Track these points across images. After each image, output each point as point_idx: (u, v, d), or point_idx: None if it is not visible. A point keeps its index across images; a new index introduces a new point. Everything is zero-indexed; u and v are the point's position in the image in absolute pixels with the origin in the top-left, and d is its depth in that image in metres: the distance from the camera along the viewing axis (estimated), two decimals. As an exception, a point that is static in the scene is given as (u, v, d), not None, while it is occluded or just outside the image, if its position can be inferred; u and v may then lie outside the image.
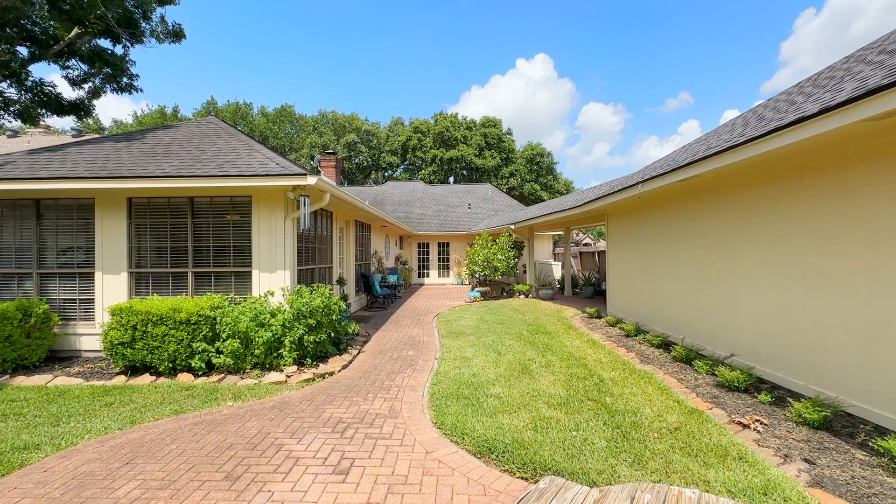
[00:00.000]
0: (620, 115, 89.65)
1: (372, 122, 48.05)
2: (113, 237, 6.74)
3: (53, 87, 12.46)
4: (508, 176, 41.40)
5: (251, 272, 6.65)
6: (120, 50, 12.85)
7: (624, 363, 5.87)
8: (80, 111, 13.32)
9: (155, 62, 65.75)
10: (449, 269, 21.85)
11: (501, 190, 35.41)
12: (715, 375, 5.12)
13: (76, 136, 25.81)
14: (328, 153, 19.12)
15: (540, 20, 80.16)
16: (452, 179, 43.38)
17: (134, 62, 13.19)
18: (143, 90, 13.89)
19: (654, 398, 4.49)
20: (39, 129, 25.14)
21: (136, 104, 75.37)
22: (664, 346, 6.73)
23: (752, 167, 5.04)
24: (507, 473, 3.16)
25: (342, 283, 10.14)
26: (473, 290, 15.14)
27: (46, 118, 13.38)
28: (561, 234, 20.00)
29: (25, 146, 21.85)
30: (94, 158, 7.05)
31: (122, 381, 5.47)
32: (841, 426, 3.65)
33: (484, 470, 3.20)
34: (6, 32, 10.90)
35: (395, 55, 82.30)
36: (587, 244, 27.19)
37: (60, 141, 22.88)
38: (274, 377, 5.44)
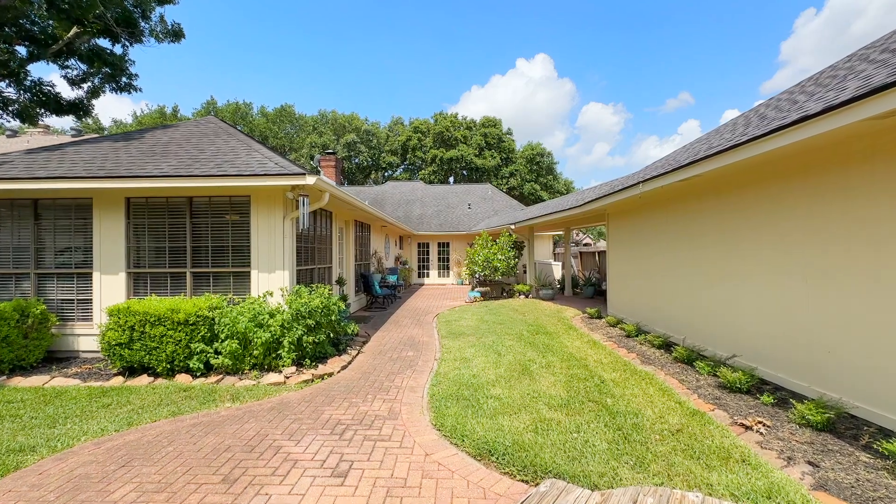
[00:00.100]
0: (620, 115, 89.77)
1: (372, 121, 48.06)
2: (111, 237, 6.70)
3: (52, 86, 12.44)
4: (508, 176, 41.36)
5: (250, 272, 6.62)
6: (119, 49, 12.82)
7: (625, 364, 5.83)
8: (79, 111, 13.29)
9: (154, 62, 65.78)
10: (449, 269, 21.81)
11: (501, 190, 35.38)
12: (716, 376, 5.09)
13: (75, 136, 25.78)
14: (328, 153, 19.09)
15: (540, 20, 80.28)
16: (452, 179, 43.35)
17: (133, 62, 13.17)
18: (142, 90, 13.89)
19: (655, 399, 4.46)
20: (39, 128, 25.12)
21: (135, 104, 75.49)
22: (665, 346, 6.70)
23: (754, 166, 5.00)
24: (507, 476, 3.13)
25: (341, 283, 10.10)
26: (473, 290, 15.10)
27: (45, 118, 13.34)
28: (561, 234, 19.97)
29: (25, 146, 21.82)
30: (92, 158, 7.02)
31: (119, 382, 5.44)
32: (844, 428, 3.62)
33: (484, 472, 3.17)
34: (5, 32, 10.86)
35: (394, 55, 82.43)
36: (587, 244, 27.15)
37: (60, 141, 22.84)
38: (272, 378, 5.41)
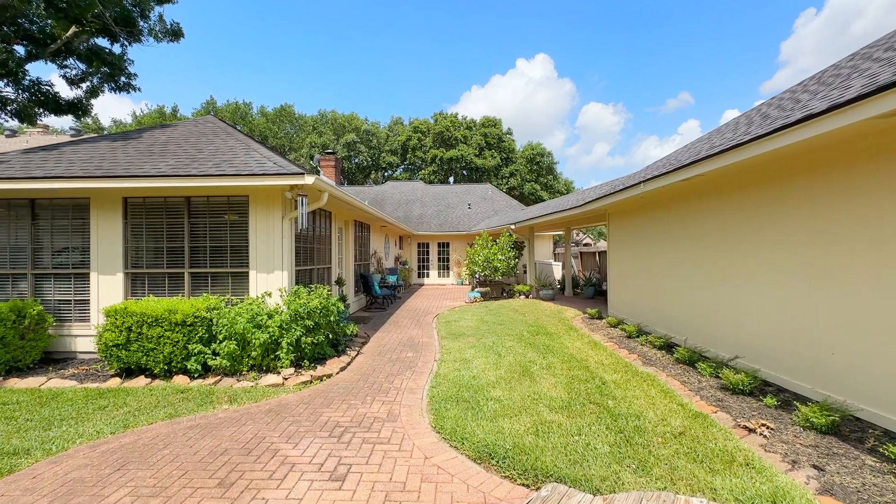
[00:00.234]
0: (620, 114, 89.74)
1: (372, 121, 47.99)
2: (108, 237, 6.66)
3: (51, 86, 12.39)
4: (508, 176, 41.30)
5: (248, 273, 6.57)
6: (118, 49, 12.75)
7: (626, 365, 5.79)
8: (77, 111, 13.24)
9: (154, 62, 65.76)
10: (449, 269, 21.77)
11: (501, 190, 35.33)
12: (719, 378, 5.04)
13: (75, 135, 25.73)
14: (327, 153, 19.05)
15: (540, 20, 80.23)
16: (452, 179, 43.29)
17: (132, 61, 13.13)
18: (141, 89, 13.81)
19: (657, 401, 4.41)
20: (38, 128, 25.07)
21: (135, 104, 75.43)
22: (666, 347, 6.65)
23: (756, 166, 4.96)
24: (507, 480, 3.08)
25: (341, 283, 10.06)
26: (473, 290, 15.05)
27: (44, 118, 13.31)
28: (561, 234, 19.93)
29: (24, 146, 21.77)
30: (89, 158, 6.97)
31: (116, 383, 5.39)
32: (849, 431, 3.57)
33: (484, 476, 3.12)
34: (3, 31, 10.81)
35: (394, 55, 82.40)
36: (587, 244, 27.11)
37: (59, 141, 22.79)
38: (271, 379, 5.36)
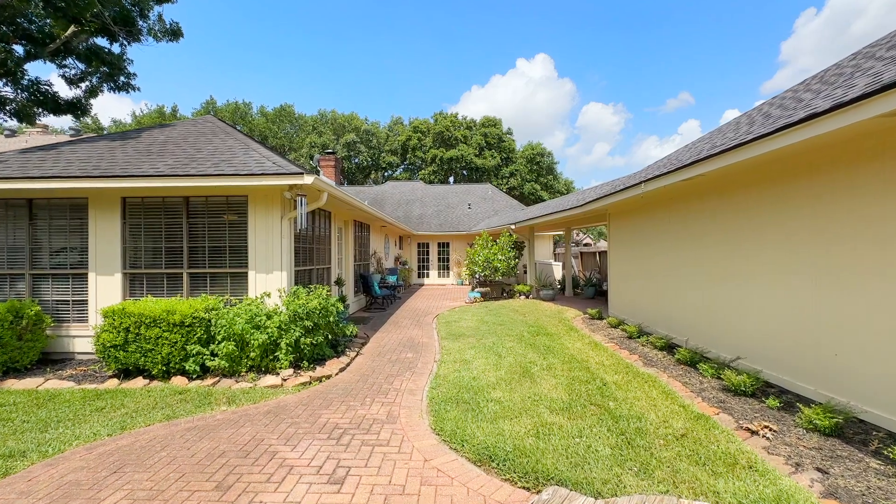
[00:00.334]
0: (620, 115, 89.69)
1: (371, 121, 47.96)
2: (107, 237, 6.62)
3: (50, 86, 12.36)
4: (508, 176, 41.27)
5: (247, 273, 6.54)
6: (117, 48, 12.72)
7: (627, 366, 5.75)
8: (76, 110, 13.21)
9: (153, 62, 65.72)
10: (449, 269, 21.73)
11: (501, 190, 35.29)
12: (721, 379, 5.01)
13: (74, 135, 25.70)
14: (327, 153, 19.02)
15: (540, 20, 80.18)
16: (452, 179, 43.26)
17: (131, 61, 13.10)
18: (140, 89, 13.79)
19: (658, 403, 4.38)
20: (37, 128, 25.04)
21: (135, 104, 75.33)
22: (668, 348, 6.62)
23: (758, 165, 4.92)
24: (508, 483, 3.05)
25: (340, 283, 10.02)
26: (473, 290, 15.02)
27: (43, 117, 13.27)
28: (561, 234, 19.89)
29: (23, 146, 21.74)
30: (87, 157, 6.94)
31: (114, 384, 5.36)
32: (853, 433, 3.54)
33: (484, 479, 3.09)
34: (1, 30, 10.78)
35: (394, 54, 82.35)
36: (587, 244, 27.06)
37: (59, 141, 22.75)
38: (270, 380, 5.33)
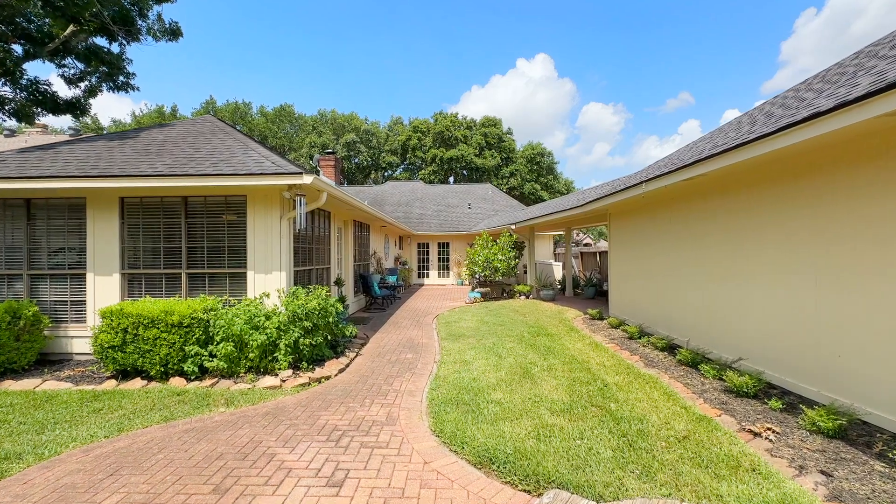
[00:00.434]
0: (620, 114, 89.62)
1: (371, 121, 47.93)
2: (105, 237, 6.59)
3: (49, 85, 12.33)
4: (509, 176, 41.23)
5: (246, 273, 6.50)
6: (116, 48, 12.69)
7: (628, 367, 5.72)
8: (76, 110, 13.18)
9: (153, 61, 65.65)
10: (449, 269, 21.70)
11: (501, 190, 35.26)
12: (722, 380, 4.97)
13: (74, 135, 25.67)
14: (327, 153, 18.98)
15: (540, 20, 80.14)
16: (452, 179, 43.22)
17: (130, 60, 13.06)
18: (139, 89, 13.76)
19: (660, 404, 4.34)
20: (37, 128, 25.00)
21: (135, 104, 75.22)
22: (669, 349, 6.58)
23: (761, 165, 4.89)
24: (508, 486, 3.01)
25: (340, 283, 9.99)
26: (473, 290, 14.99)
27: (42, 117, 13.24)
28: (562, 234, 19.86)
29: (23, 146, 21.70)
30: (86, 157, 6.90)
31: (112, 385, 5.33)
32: (857, 435, 3.50)
33: (485, 482, 3.05)
34: (0, 30, 10.75)
35: (394, 54, 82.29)
36: (587, 244, 27.02)
37: (58, 140, 22.70)
38: (268, 381, 5.29)
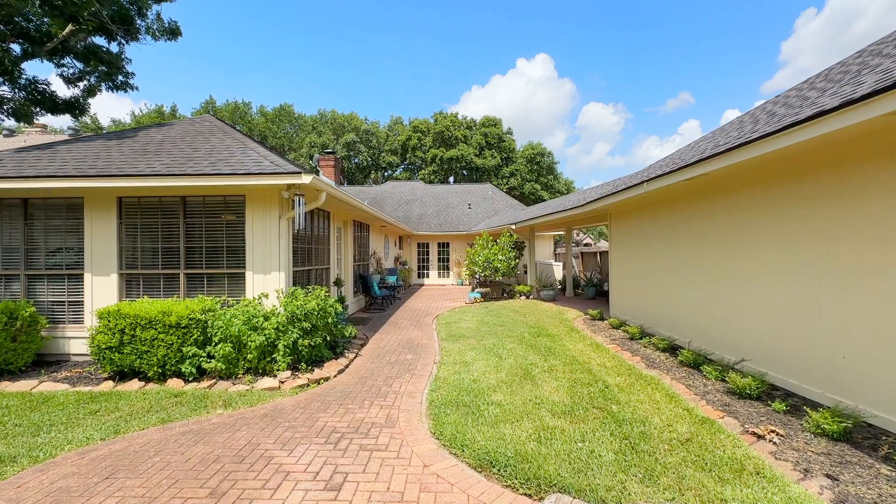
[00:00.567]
0: (620, 114, 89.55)
1: (371, 121, 47.88)
2: (103, 238, 6.55)
3: (47, 85, 12.28)
4: (509, 175, 41.19)
5: (245, 274, 6.46)
6: (115, 48, 12.64)
7: (629, 368, 5.68)
8: (74, 110, 13.13)
9: (153, 61, 65.60)
10: (449, 269, 21.66)
11: (502, 190, 35.21)
12: (725, 381, 4.93)
13: (73, 135, 25.62)
14: (327, 153, 18.94)
15: (540, 20, 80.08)
16: (452, 179, 43.17)
17: (129, 60, 13.00)
18: (138, 88, 13.74)
19: (662, 406, 4.30)
20: (36, 128, 24.97)
21: (135, 104, 75.07)
22: (670, 349, 6.54)
23: (763, 164, 4.84)
24: (509, 489, 2.97)
25: (339, 284, 9.95)
26: (474, 290, 14.95)
27: (41, 117, 13.20)
28: (562, 234, 19.82)
29: (22, 146, 21.63)
30: (83, 157, 6.86)
31: (109, 386, 5.29)
32: (862, 438, 3.46)
33: (485, 485, 3.01)
34: (-1, 29, 10.71)
35: (394, 54, 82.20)
36: (587, 244, 26.97)
37: (56, 140, 22.64)
38: (267, 383, 5.25)
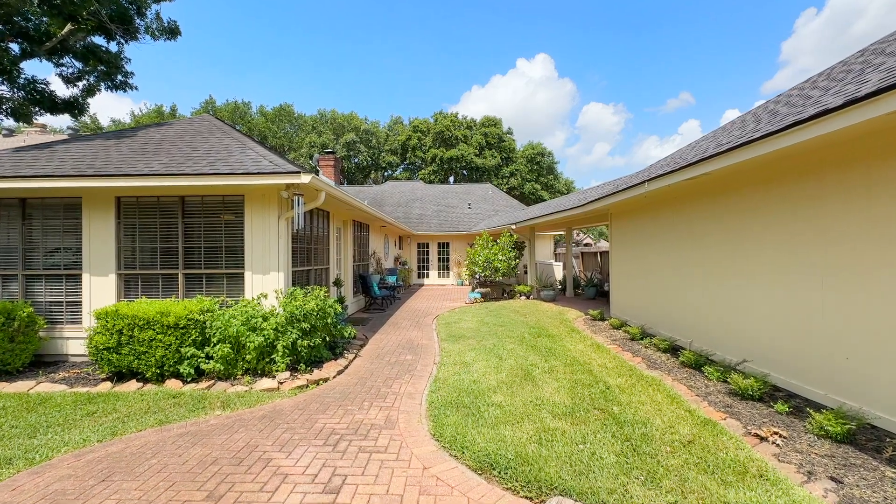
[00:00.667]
0: (621, 115, 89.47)
1: (371, 121, 47.84)
2: (101, 238, 6.51)
3: (46, 84, 12.24)
4: (509, 175, 41.14)
5: (244, 274, 6.43)
6: (114, 47, 12.61)
7: (630, 369, 5.64)
8: (74, 109, 13.08)
9: (152, 61, 65.54)
10: (449, 269, 21.62)
11: (502, 189, 35.16)
12: (727, 382, 4.90)
13: (72, 135, 25.59)
14: (327, 153, 18.90)
15: (540, 20, 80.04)
16: (452, 179, 43.13)
17: (129, 59, 12.97)
18: (137, 88, 13.66)
19: (663, 407, 4.27)
20: (35, 127, 24.94)
21: (135, 104, 74.90)
22: (671, 350, 6.51)
23: (766, 164, 4.80)
24: (510, 492, 2.94)
25: (339, 284, 9.91)
26: (474, 290, 14.91)
27: (40, 116, 13.16)
28: (562, 234, 19.79)
29: (21, 145, 21.59)
30: (81, 156, 6.83)
31: (107, 387, 5.25)
32: (866, 440, 3.43)
33: (485, 488, 2.98)
34: (-3, 28, 10.67)
35: (394, 54, 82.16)
36: (587, 244, 26.94)
37: (55, 140, 22.61)
38: (266, 384, 5.22)
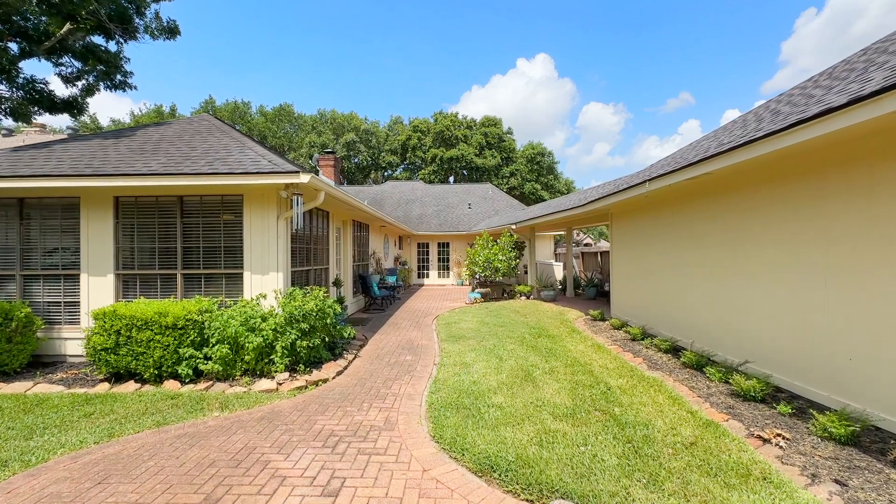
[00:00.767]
0: (621, 114, 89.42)
1: (371, 121, 47.81)
2: (99, 237, 6.48)
3: (45, 84, 12.22)
4: (509, 175, 41.11)
5: (242, 274, 6.39)
6: (113, 47, 12.59)
7: (631, 369, 5.61)
8: (73, 109, 13.06)
9: (152, 61, 65.50)
10: (449, 269, 21.59)
11: (502, 189, 35.13)
12: (728, 383, 4.86)
13: (71, 135, 25.56)
14: (327, 152, 18.87)
15: (540, 20, 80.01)
16: (452, 179, 43.10)
17: (128, 59, 12.95)
18: (137, 88, 13.65)
19: (665, 408, 4.23)
20: (35, 127, 24.92)
21: (135, 104, 74.86)
22: (672, 351, 6.47)
23: (768, 163, 4.77)
24: (510, 495, 2.90)
25: (338, 284, 9.88)
26: (474, 291, 14.88)
27: (39, 116, 13.14)
28: (562, 234, 19.75)
29: (20, 145, 21.57)
30: (80, 156, 6.79)
31: (105, 388, 5.22)
32: (870, 441, 3.39)
33: (486, 491, 2.95)
34: (-4, 28, 10.64)
35: (394, 54, 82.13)
36: (588, 244, 26.90)
37: (53, 139, 22.58)
38: (265, 385, 5.18)
